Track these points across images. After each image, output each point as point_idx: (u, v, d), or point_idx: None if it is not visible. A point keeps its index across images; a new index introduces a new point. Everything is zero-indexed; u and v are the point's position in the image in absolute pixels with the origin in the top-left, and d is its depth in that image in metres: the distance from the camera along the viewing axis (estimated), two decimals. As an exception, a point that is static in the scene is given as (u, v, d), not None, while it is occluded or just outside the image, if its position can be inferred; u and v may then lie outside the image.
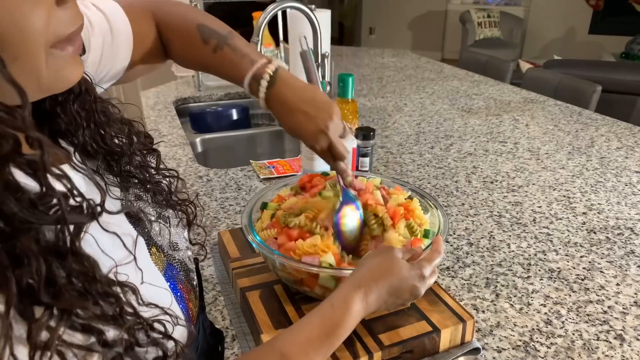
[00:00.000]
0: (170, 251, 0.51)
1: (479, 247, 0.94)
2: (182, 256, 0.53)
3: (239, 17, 7.53)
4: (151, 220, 0.51)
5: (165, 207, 0.55)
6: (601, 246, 0.95)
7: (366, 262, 0.60)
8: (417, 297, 0.60)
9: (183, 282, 0.51)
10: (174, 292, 0.47)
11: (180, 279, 0.50)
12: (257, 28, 1.35)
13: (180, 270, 0.51)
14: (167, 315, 0.42)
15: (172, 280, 0.48)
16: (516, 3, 6.51)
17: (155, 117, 1.72)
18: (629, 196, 1.15)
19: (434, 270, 0.62)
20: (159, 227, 0.51)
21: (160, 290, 0.45)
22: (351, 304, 0.54)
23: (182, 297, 0.49)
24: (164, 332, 0.41)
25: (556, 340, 0.71)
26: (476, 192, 1.17)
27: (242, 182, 1.21)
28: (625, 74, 3.07)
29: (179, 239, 0.55)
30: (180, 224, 0.58)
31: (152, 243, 0.48)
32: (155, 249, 0.48)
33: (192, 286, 0.53)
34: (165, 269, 0.48)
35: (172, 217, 0.56)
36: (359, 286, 0.56)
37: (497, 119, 1.70)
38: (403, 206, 0.73)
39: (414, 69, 2.49)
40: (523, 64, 3.68)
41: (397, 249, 0.61)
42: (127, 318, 0.38)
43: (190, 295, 0.51)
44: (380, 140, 1.49)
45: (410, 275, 0.58)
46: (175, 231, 0.55)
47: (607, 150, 1.42)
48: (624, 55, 5.09)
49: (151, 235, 0.49)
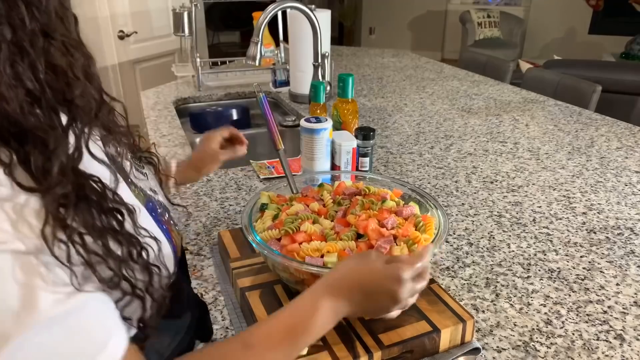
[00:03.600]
0: (149, 192, 0.59)
1: (479, 247, 0.94)
2: (160, 198, 0.60)
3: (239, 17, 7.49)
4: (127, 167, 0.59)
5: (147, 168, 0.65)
6: (601, 246, 0.95)
7: (341, 265, 0.59)
8: (398, 302, 0.57)
9: (164, 215, 0.58)
10: (156, 221, 0.54)
11: (161, 214, 0.57)
12: (257, 28, 1.35)
13: (160, 208, 0.58)
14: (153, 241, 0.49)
15: (155, 213, 0.55)
16: (516, 3, 6.52)
17: (155, 117, 1.72)
18: (629, 196, 1.15)
19: (420, 274, 0.58)
20: (136, 173, 0.60)
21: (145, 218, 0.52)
22: (319, 305, 0.54)
23: (165, 229, 0.56)
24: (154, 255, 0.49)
25: (556, 340, 0.71)
26: (476, 192, 1.17)
27: (242, 182, 1.21)
28: (625, 74, 3.07)
29: (154, 185, 0.63)
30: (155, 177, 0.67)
31: (132, 183, 0.56)
32: (134, 187, 0.56)
33: (173, 222, 0.60)
34: (145, 204, 0.55)
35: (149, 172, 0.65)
36: (330, 288, 0.55)
37: (497, 119, 1.70)
38: None
39: (414, 69, 2.49)
40: (523, 64, 3.68)
41: (374, 252, 0.59)
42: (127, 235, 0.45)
43: (172, 227, 0.58)
44: (380, 140, 1.49)
45: (386, 278, 0.56)
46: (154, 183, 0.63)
47: (607, 150, 1.42)
48: (624, 55, 5.09)
49: (130, 179, 0.57)
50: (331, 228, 0.73)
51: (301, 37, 1.77)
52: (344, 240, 0.70)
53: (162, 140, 1.49)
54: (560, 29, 6.25)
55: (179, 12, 1.97)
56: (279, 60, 2.09)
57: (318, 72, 1.58)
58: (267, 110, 0.90)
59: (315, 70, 1.58)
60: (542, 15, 6.31)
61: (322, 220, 0.75)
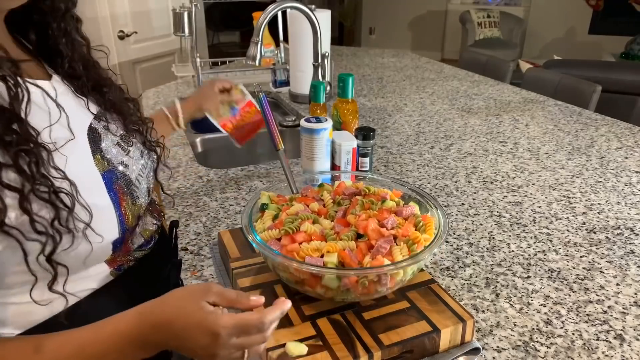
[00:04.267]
0: (117, 165, 0.63)
1: (479, 247, 0.94)
2: (129, 173, 0.65)
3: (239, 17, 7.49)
4: (108, 143, 0.64)
5: (133, 143, 0.70)
6: (601, 246, 0.95)
7: (166, 296, 0.54)
8: (215, 357, 0.51)
9: (120, 185, 0.62)
10: (108, 188, 0.60)
11: (117, 183, 0.62)
12: (257, 28, 1.35)
13: (120, 179, 0.63)
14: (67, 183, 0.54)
15: (109, 181, 0.60)
16: (516, 3, 6.52)
17: (155, 117, 1.72)
18: (628, 196, 1.15)
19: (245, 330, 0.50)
20: (115, 150, 0.65)
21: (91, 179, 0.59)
22: (121, 332, 0.52)
23: (115, 194, 0.61)
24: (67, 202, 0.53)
25: (556, 340, 0.71)
26: (476, 192, 1.17)
27: (242, 182, 1.21)
28: (625, 74, 3.07)
29: (133, 165, 0.67)
30: (145, 158, 0.72)
31: (97, 151, 0.61)
32: (99, 156, 0.61)
33: (131, 195, 0.64)
34: (105, 171, 0.61)
35: (136, 151, 0.69)
36: (139, 317, 0.52)
37: (497, 119, 1.71)
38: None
39: (414, 69, 2.49)
40: (523, 64, 3.68)
41: (207, 288, 0.53)
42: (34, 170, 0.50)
43: (126, 197, 0.62)
44: (380, 140, 1.49)
45: (202, 328, 0.50)
46: (134, 160, 0.68)
47: (607, 150, 1.42)
48: (624, 55, 5.09)
49: (101, 148, 0.62)
50: (331, 228, 0.73)
51: (301, 37, 1.77)
52: (344, 240, 0.70)
53: (162, 140, 1.49)
54: (560, 29, 6.25)
55: (179, 12, 1.97)
56: (279, 60, 2.09)
57: (318, 72, 1.58)
58: (267, 110, 0.90)
59: (315, 70, 1.58)
60: (542, 15, 6.32)
61: (322, 220, 0.75)
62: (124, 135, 0.69)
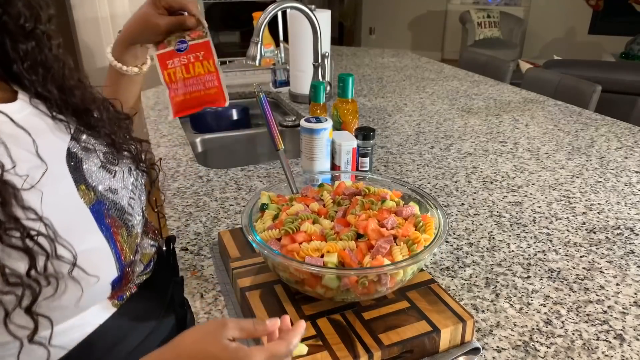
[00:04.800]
0: (105, 193, 0.55)
1: (479, 247, 0.94)
2: (119, 200, 0.57)
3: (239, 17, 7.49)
4: (91, 166, 0.56)
5: (120, 161, 0.61)
6: (601, 246, 0.95)
7: (180, 341, 0.50)
8: None
9: (113, 217, 0.54)
10: (99, 223, 0.52)
11: (109, 215, 0.54)
12: (257, 28, 1.35)
13: (112, 209, 0.55)
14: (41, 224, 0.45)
15: (100, 214, 0.53)
16: (516, 3, 6.52)
17: (155, 117, 1.72)
18: (628, 196, 1.15)
19: (274, 354, 0.50)
20: (101, 174, 0.56)
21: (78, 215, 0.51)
22: None
23: (108, 228, 0.53)
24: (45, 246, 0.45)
25: (556, 340, 0.71)
26: (476, 192, 1.17)
27: (242, 182, 1.21)
28: (625, 74, 3.07)
29: (122, 188, 0.59)
30: (135, 179, 0.63)
31: (81, 180, 0.53)
32: (84, 186, 0.53)
33: (126, 225, 0.56)
34: (93, 203, 0.53)
35: (124, 171, 0.60)
36: None
37: (497, 119, 1.71)
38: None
39: (414, 69, 2.49)
40: (523, 64, 3.68)
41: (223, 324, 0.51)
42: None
43: (121, 230, 0.55)
44: (380, 140, 1.49)
45: None
46: (122, 182, 0.59)
47: (607, 150, 1.42)
48: (624, 55, 5.10)
49: (84, 176, 0.54)
50: (331, 228, 0.73)
51: (301, 37, 1.77)
52: (344, 240, 0.70)
53: (162, 140, 1.49)
54: (560, 29, 6.25)
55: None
56: (279, 60, 2.09)
57: (318, 72, 1.58)
58: (267, 110, 0.90)
59: (315, 70, 1.58)
60: (542, 15, 6.32)
61: (322, 220, 0.75)
62: (107, 153, 0.60)
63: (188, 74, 0.80)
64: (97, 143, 0.59)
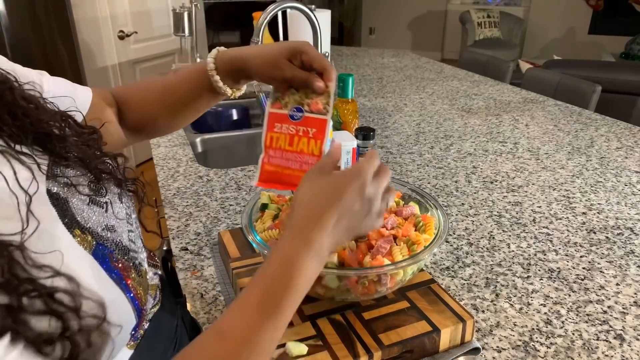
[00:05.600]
0: (102, 232, 0.49)
1: (479, 247, 0.94)
2: (119, 237, 0.50)
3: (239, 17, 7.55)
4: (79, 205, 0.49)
5: (107, 189, 0.53)
6: (601, 246, 0.95)
7: (299, 200, 0.50)
8: (367, 198, 0.50)
9: (119, 259, 0.48)
10: (107, 270, 0.45)
11: (114, 257, 0.48)
12: (257, 28, 1.35)
13: (115, 250, 0.49)
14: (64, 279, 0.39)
15: (104, 258, 0.46)
16: (516, 3, 6.52)
17: (156, 117, 1.72)
18: (628, 196, 1.15)
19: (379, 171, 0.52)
20: (92, 212, 0.49)
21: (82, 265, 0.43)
22: (293, 269, 0.45)
23: (118, 274, 0.47)
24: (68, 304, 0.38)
25: (556, 340, 0.71)
26: (476, 192, 1.17)
27: (242, 182, 1.21)
28: (625, 74, 3.07)
29: (118, 222, 0.52)
30: (127, 207, 0.56)
31: (74, 225, 0.46)
32: (78, 230, 0.46)
33: (134, 265, 0.50)
34: (93, 249, 0.46)
35: (113, 200, 0.53)
36: (298, 236, 0.47)
37: (497, 119, 1.71)
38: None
39: (414, 69, 2.49)
40: (523, 64, 3.68)
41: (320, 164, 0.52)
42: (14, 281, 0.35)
43: (130, 272, 0.49)
44: (380, 140, 1.49)
45: (344, 177, 0.49)
46: (117, 214, 0.53)
47: (607, 150, 1.42)
48: (624, 55, 5.10)
49: (75, 218, 0.46)
50: None
51: (301, 37, 1.77)
52: None
53: (162, 140, 1.49)
54: (560, 29, 6.25)
55: (179, 12, 1.97)
56: (279, 60, 2.08)
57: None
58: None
59: (315, 70, 1.58)
60: (542, 15, 6.32)
61: None
62: (90, 183, 0.51)
63: (290, 146, 0.68)
64: (75, 175, 0.50)
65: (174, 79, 0.71)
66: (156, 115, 0.72)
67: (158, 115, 0.73)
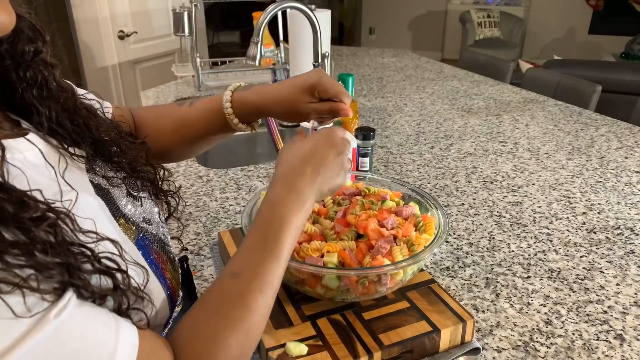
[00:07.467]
0: (142, 224, 0.52)
1: (479, 247, 0.94)
2: (155, 230, 0.55)
3: (239, 17, 7.49)
4: (120, 196, 0.52)
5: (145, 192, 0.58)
6: (601, 246, 0.95)
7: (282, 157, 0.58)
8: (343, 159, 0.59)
9: (157, 252, 0.52)
10: (147, 260, 0.48)
11: (154, 249, 0.51)
12: (257, 28, 1.35)
13: (154, 242, 0.52)
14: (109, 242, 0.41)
15: (146, 249, 0.49)
16: (516, 3, 6.52)
17: (155, 117, 1.72)
18: (629, 196, 1.15)
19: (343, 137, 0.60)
20: (130, 204, 0.53)
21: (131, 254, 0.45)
22: (281, 206, 0.53)
23: (157, 266, 0.50)
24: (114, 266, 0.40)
25: (556, 340, 0.71)
26: (476, 192, 1.17)
27: (242, 182, 1.21)
28: (625, 74, 3.07)
29: (152, 217, 0.56)
30: (157, 206, 0.59)
31: (119, 215, 0.49)
32: (123, 220, 0.49)
33: (170, 258, 0.54)
34: (136, 238, 0.49)
35: (146, 198, 0.57)
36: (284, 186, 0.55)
37: (497, 119, 1.70)
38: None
39: (414, 69, 2.49)
40: (523, 64, 3.68)
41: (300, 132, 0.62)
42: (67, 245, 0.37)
43: (167, 265, 0.52)
44: (380, 140, 1.49)
45: (325, 148, 0.57)
46: (149, 210, 0.56)
47: (607, 150, 1.42)
48: (624, 55, 5.10)
49: (119, 208, 0.50)
50: (331, 228, 0.73)
51: (301, 37, 1.77)
52: (344, 240, 0.70)
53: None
54: (560, 29, 6.25)
55: (179, 12, 1.97)
56: (279, 60, 2.09)
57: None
58: None
59: (315, 70, 1.58)
60: (542, 15, 6.31)
61: (322, 220, 0.75)
62: (126, 179, 0.55)
63: None
64: (113, 170, 0.54)
65: (190, 113, 0.73)
66: (170, 145, 0.74)
67: (172, 145, 0.74)
